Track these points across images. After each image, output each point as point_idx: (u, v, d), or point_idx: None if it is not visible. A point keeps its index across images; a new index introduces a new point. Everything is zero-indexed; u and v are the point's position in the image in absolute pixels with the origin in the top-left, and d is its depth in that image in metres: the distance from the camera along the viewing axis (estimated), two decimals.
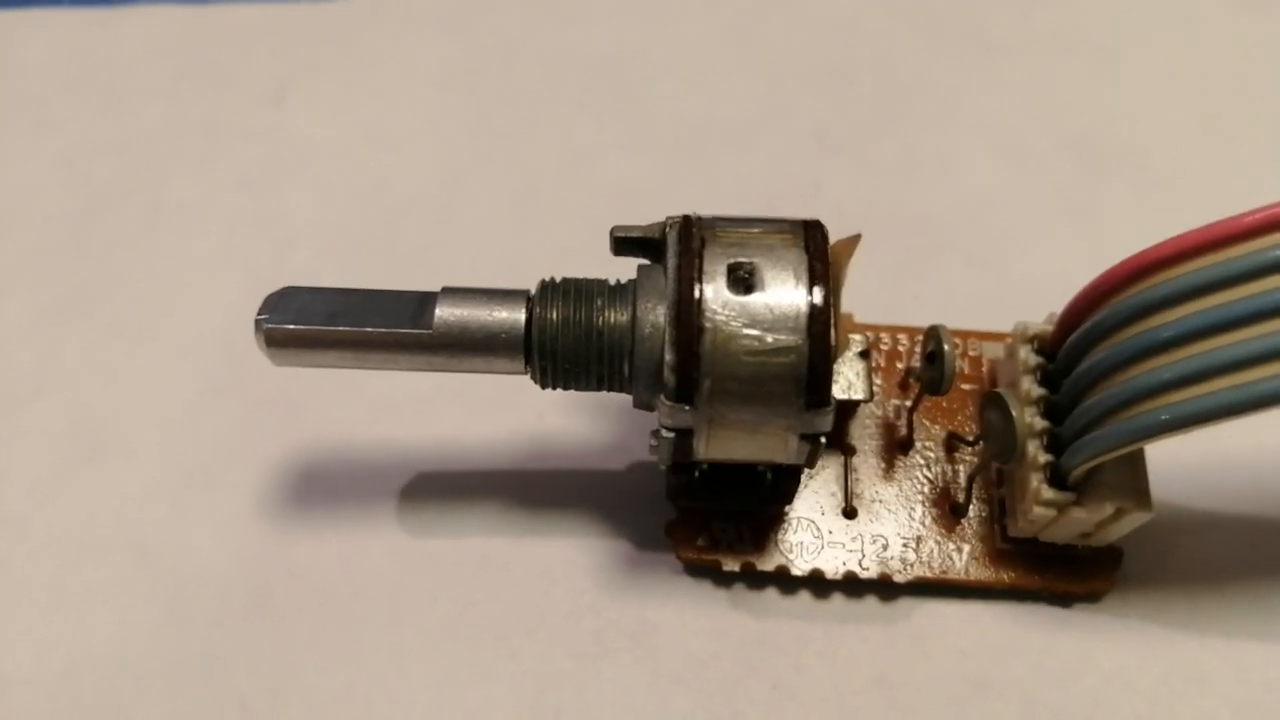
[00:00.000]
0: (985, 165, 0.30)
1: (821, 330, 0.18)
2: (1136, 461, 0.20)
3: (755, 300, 0.18)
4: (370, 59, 0.32)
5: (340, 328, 0.19)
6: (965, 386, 0.24)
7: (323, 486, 0.24)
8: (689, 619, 0.22)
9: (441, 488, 0.24)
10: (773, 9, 0.33)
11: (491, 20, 0.33)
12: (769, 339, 0.18)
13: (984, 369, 0.24)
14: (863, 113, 0.31)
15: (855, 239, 0.19)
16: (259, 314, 0.19)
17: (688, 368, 0.18)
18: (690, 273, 0.18)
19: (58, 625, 0.23)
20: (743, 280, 0.18)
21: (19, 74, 0.32)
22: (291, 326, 0.19)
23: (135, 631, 0.23)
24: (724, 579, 0.23)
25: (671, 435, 0.19)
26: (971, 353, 0.24)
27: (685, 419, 0.19)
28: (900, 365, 0.24)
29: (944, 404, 0.24)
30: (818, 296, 0.18)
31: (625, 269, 0.20)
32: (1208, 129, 0.30)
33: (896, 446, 0.23)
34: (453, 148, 0.30)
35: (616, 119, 0.31)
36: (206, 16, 0.33)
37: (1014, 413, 0.20)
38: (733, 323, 0.18)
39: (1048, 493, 0.20)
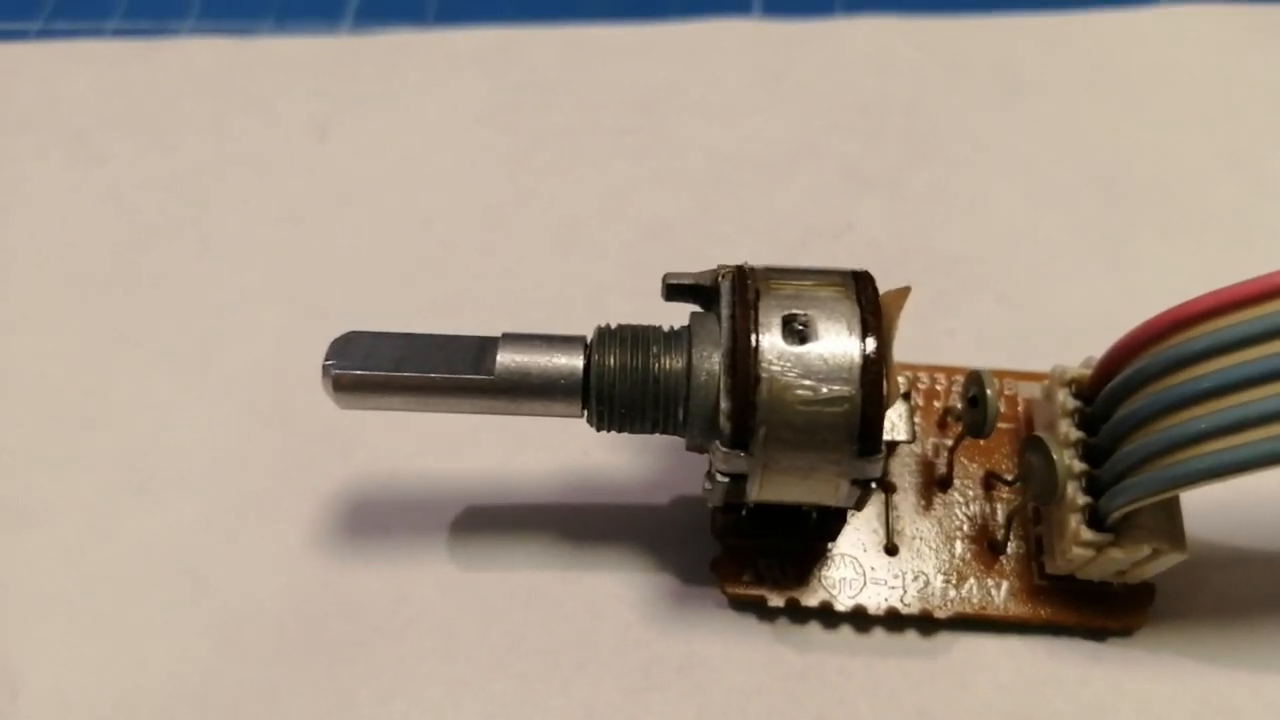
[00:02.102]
0: (1015, 203, 0.30)
1: (874, 381, 0.19)
2: (1172, 504, 0.21)
3: (810, 351, 0.19)
4: (410, 94, 0.33)
5: (405, 373, 0.20)
6: (1001, 426, 0.24)
7: (373, 519, 0.25)
8: (734, 653, 0.23)
9: (490, 521, 0.25)
10: (804, 48, 0.34)
11: (529, 57, 0.34)
12: (824, 389, 0.18)
13: (1019, 408, 0.25)
14: (894, 150, 0.31)
15: (905, 291, 0.20)
16: (326, 359, 0.20)
17: (744, 416, 0.19)
18: (746, 323, 0.19)
19: (112, 656, 0.23)
20: (798, 332, 0.19)
21: (66, 106, 0.33)
22: (359, 372, 0.20)
23: (189, 663, 0.23)
24: (768, 614, 0.23)
25: (725, 479, 0.20)
26: (1007, 392, 0.25)
27: (740, 464, 0.19)
28: (938, 404, 0.25)
29: (981, 442, 0.24)
30: (871, 348, 0.19)
31: (660, 304, 0.21)
32: (1236, 166, 0.31)
33: (936, 484, 0.24)
34: (490, 183, 0.31)
35: (651, 156, 0.31)
36: (248, 49, 0.34)
37: (1055, 457, 0.21)
38: (788, 373, 0.19)
39: (1086, 534, 0.21)
